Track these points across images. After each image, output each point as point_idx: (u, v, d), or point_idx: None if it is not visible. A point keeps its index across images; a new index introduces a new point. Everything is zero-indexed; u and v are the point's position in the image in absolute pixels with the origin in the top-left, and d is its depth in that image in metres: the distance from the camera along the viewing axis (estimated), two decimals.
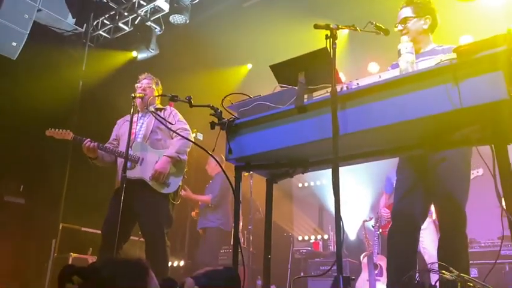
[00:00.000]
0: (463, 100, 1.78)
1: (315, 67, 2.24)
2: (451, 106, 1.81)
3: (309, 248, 6.30)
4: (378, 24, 2.45)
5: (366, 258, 5.33)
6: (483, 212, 4.12)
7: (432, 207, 2.82)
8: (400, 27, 2.85)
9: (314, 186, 7.45)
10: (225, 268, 1.37)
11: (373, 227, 5.35)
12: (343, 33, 6.55)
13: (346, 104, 2.07)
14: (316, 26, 2.15)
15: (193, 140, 3.99)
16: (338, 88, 2.10)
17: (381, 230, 5.32)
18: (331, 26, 2.15)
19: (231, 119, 2.39)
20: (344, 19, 2.59)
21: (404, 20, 2.84)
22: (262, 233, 2.59)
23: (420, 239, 2.74)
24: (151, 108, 3.71)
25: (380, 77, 2.08)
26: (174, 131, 3.23)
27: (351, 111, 2.05)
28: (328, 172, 1.95)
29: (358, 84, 2.11)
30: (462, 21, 4.47)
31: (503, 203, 1.81)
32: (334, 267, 1.80)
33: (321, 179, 7.34)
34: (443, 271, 2.02)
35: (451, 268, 2.07)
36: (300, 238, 7.14)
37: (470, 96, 1.78)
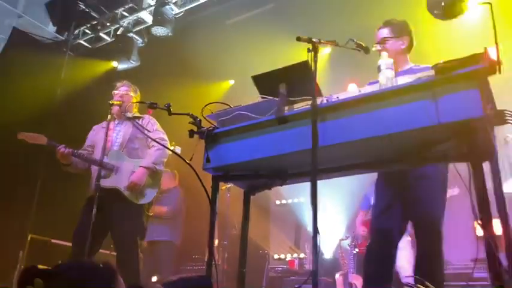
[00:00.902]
0: (441, 116, 1.81)
1: (296, 79, 2.26)
2: (429, 121, 1.83)
3: (285, 266, 6.23)
4: (358, 42, 2.49)
5: (341, 277, 5.30)
6: (457, 233, 4.16)
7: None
8: (378, 47, 2.89)
9: (292, 204, 7.42)
10: (199, 277, 1.32)
11: (349, 245, 5.34)
12: (323, 54, 6.68)
13: (326, 116, 2.07)
14: (298, 39, 2.16)
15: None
16: (318, 101, 2.11)
17: (357, 250, 5.32)
18: (313, 40, 2.17)
19: (211, 128, 2.37)
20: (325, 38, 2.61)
21: (383, 41, 2.89)
22: (237, 251, 2.54)
23: (397, 258, 2.74)
24: (129, 115, 3.66)
25: (360, 91, 2.10)
26: (152, 139, 3.18)
27: (331, 123, 2.06)
28: (306, 190, 1.94)
29: (338, 97, 2.13)
30: (440, 41, 4.61)
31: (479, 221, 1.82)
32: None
33: (299, 196, 7.31)
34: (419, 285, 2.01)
35: (426, 283, 2.06)
36: (276, 257, 7.06)
37: (447, 112, 1.80)
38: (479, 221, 1.80)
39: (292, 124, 2.17)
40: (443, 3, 2.69)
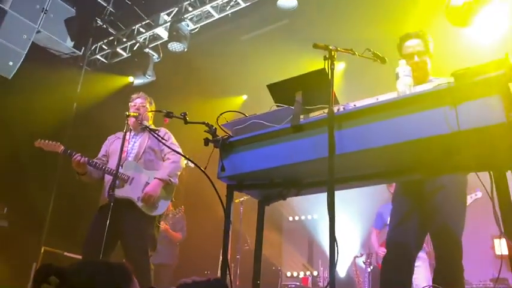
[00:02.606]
0: (461, 123, 1.77)
1: (312, 87, 2.24)
2: (449, 129, 1.79)
3: (298, 283, 6.12)
4: (375, 52, 2.47)
5: None
6: (477, 250, 4.05)
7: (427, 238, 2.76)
8: (416, 58, 2.78)
9: (305, 220, 7.33)
10: (214, 280, 1.28)
11: (364, 263, 5.24)
12: (338, 69, 6.69)
13: (342, 124, 2.04)
14: (315, 46, 2.16)
15: (184, 164, 3.92)
16: (335, 109, 2.09)
17: (371, 267, 5.21)
18: (330, 47, 2.16)
19: (226, 137, 2.35)
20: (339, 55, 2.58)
21: (421, 53, 2.79)
22: (250, 267, 2.49)
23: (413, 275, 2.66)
24: (146, 123, 3.67)
25: (377, 99, 2.07)
26: (169, 147, 3.18)
27: (348, 131, 2.03)
28: (320, 206, 1.90)
29: (355, 105, 2.10)
30: (458, 50, 4.58)
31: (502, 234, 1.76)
32: None
33: (313, 213, 7.23)
34: None
35: None
36: (289, 274, 6.96)
37: (467, 119, 1.76)
38: (504, 236, 1.73)
39: (308, 133, 2.14)
40: (456, 10, 2.66)
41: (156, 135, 3.05)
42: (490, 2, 2.54)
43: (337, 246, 1.78)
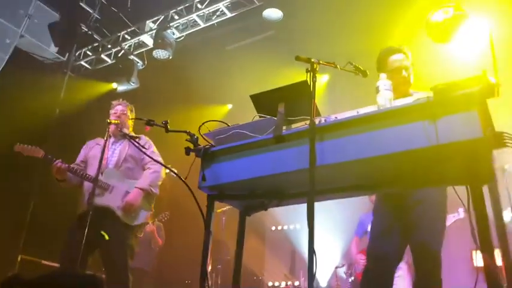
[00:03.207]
0: (440, 137, 1.79)
1: (294, 99, 2.25)
2: (428, 142, 1.81)
3: None
4: (356, 65, 2.50)
5: None
6: (457, 261, 4.10)
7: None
8: (404, 73, 2.78)
9: (287, 230, 7.33)
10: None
11: (344, 273, 5.25)
12: (321, 81, 6.74)
13: (324, 136, 2.06)
14: (297, 58, 2.17)
15: (165, 174, 3.87)
16: (316, 121, 2.10)
17: (352, 278, 5.22)
18: (312, 60, 2.17)
19: (207, 146, 2.34)
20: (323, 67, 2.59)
21: (407, 68, 2.81)
22: (231, 277, 2.47)
23: (394, 286, 2.67)
24: (126, 131, 3.63)
25: (358, 112, 2.09)
26: (150, 157, 3.13)
27: (329, 143, 2.04)
28: (302, 216, 1.89)
29: (336, 117, 2.12)
30: (438, 65, 4.66)
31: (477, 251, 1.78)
32: None
33: (295, 223, 7.24)
34: None
35: None
36: (270, 284, 6.92)
37: (446, 133, 1.79)
38: (479, 250, 1.75)
39: (289, 143, 2.14)
40: (437, 26, 2.71)
41: (136, 143, 3.02)
42: (468, 19, 2.59)
43: (315, 256, 1.78)
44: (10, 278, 1.04)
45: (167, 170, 3.91)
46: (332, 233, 6.44)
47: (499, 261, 1.72)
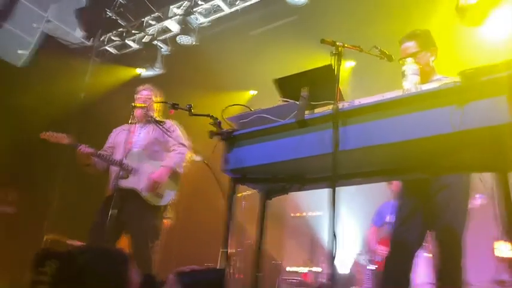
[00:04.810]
0: (466, 123, 1.76)
1: (318, 83, 2.23)
2: (455, 128, 1.78)
3: (298, 278, 6.13)
4: (382, 49, 2.47)
5: None
6: (478, 250, 4.03)
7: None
8: (409, 60, 2.77)
9: (308, 217, 7.33)
10: (213, 269, 1.29)
11: (365, 261, 5.23)
12: (347, 67, 6.66)
13: (347, 120, 2.04)
14: (323, 41, 2.16)
15: (189, 156, 3.92)
16: (340, 105, 2.08)
17: (373, 266, 5.20)
18: (337, 43, 2.15)
19: (231, 130, 2.36)
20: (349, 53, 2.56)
21: (414, 55, 2.74)
22: (250, 261, 2.50)
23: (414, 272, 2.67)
24: (152, 115, 3.67)
25: (383, 96, 2.07)
26: (174, 139, 3.17)
27: (352, 128, 2.02)
28: (323, 203, 1.89)
29: (360, 102, 2.10)
30: (467, 50, 4.54)
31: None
32: None
33: (316, 210, 7.22)
34: None
35: None
36: (289, 269, 6.95)
37: (473, 119, 1.75)
38: (505, 239, 1.73)
39: (312, 128, 2.14)
40: (470, 9, 2.63)
41: (161, 127, 3.06)
42: (503, 1, 2.51)
43: (336, 240, 1.78)
44: (41, 252, 1.08)
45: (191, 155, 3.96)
46: (353, 221, 6.42)
47: None
